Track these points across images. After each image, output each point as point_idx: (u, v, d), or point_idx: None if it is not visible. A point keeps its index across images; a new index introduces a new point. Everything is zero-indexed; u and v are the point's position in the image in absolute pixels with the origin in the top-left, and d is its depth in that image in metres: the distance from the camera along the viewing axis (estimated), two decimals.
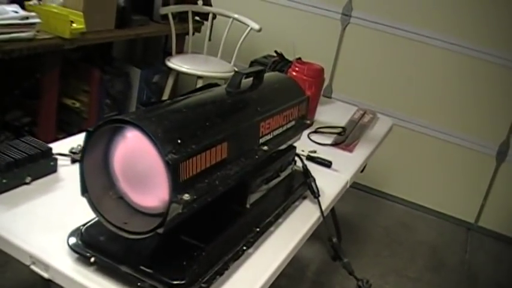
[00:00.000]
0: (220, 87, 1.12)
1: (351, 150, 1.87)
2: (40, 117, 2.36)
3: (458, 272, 2.67)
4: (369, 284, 1.32)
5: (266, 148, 1.10)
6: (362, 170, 1.91)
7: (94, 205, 0.88)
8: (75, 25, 2.20)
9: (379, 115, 2.36)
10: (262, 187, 1.20)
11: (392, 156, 3.16)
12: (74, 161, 1.22)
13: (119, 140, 0.87)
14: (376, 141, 2.04)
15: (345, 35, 3.23)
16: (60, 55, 2.27)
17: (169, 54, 3.10)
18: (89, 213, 0.90)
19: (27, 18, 2.01)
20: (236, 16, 3.09)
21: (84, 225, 0.98)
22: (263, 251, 1.11)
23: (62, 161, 1.26)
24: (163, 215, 0.82)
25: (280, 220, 1.25)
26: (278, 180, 1.29)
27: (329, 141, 1.88)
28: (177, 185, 0.80)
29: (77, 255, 0.94)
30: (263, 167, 1.17)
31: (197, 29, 3.24)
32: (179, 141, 0.82)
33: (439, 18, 2.96)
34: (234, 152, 0.97)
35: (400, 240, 2.84)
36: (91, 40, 2.36)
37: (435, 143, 3.12)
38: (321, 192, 1.40)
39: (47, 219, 1.06)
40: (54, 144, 1.31)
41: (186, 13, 3.08)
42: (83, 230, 0.97)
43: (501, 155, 3.00)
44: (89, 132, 0.85)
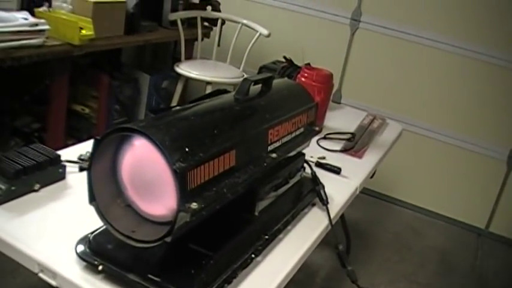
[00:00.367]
0: (229, 94, 1.11)
1: (360, 157, 1.86)
2: (49, 123, 2.37)
3: (469, 277, 2.65)
4: None
5: (275, 155, 1.09)
6: (372, 175, 1.90)
7: (102, 213, 0.88)
8: (84, 31, 2.21)
9: (388, 120, 2.35)
10: (271, 194, 1.19)
11: (401, 161, 3.15)
12: (81, 169, 1.22)
13: (126, 148, 0.87)
14: (386, 147, 2.02)
15: (354, 40, 3.22)
16: (69, 61, 2.28)
17: (178, 60, 3.10)
18: (97, 221, 0.89)
19: (37, 25, 2.02)
20: (245, 22, 3.10)
21: (92, 233, 0.98)
22: (272, 258, 1.10)
23: (70, 168, 1.26)
24: (171, 223, 0.81)
25: (289, 227, 1.24)
26: (287, 187, 1.29)
27: (338, 148, 1.87)
28: (184, 194, 0.79)
29: (85, 263, 0.94)
30: (272, 174, 1.16)
31: (206, 35, 3.25)
32: (187, 150, 0.81)
33: (448, 22, 2.95)
34: (242, 159, 0.96)
35: (409, 245, 2.82)
36: (100, 46, 2.37)
37: (445, 148, 3.10)
38: (330, 199, 1.39)
39: (55, 227, 1.06)
40: (63, 151, 1.31)
41: (195, 19, 3.09)
42: (90, 237, 0.97)
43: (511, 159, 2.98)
44: (97, 141, 0.84)
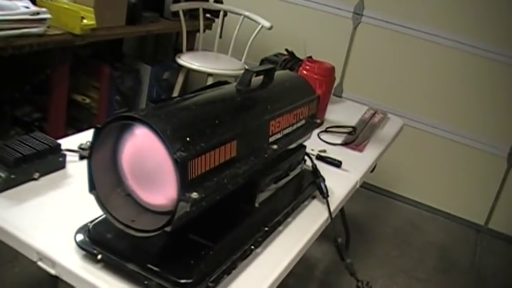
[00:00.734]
0: (230, 85, 1.11)
1: (361, 150, 1.85)
2: (50, 113, 2.36)
3: (468, 274, 2.65)
4: (369, 285, 1.30)
5: (276, 147, 1.09)
6: (372, 170, 1.90)
7: (102, 202, 0.87)
8: (85, 21, 2.20)
9: (389, 115, 2.34)
10: (271, 186, 1.19)
11: (402, 157, 3.15)
12: (82, 157, 1.22)
13: (127, 137, 0.87)
14: (387, 142, 2.02)
15: (356, 34, 3.22)
16: (70, 51, 2.27)
17: (179, 51, 3.09)
18: (96, 210, 0.89)
19: (38, 14, 2.01)
20: (247, 14, 3.09)
21: (91, 222, 0.98)
22: (271, 250, 1.10)
23: (70, 157, 1.26)
24: (171, 213, 0.81)
25: (289, 219, 1.24)
26: (287, 179, 1.28)
27: (339, 141, 1.87)
28: (185, 183, 0.79)
29: (84, 252, 0.94)
30: (272, 166, 1.16)
31: (208, 26, 3.24)
32: (188, 139, 0.81)
33: (450, 17, 2.94)
34: (243, 150, 0.96)
35: (409, 241, 2.82)
36: (101, 36, 2.36)
37: (446, 144, 3.10)
38: (330, 192, 1.39)
39: (55, 215, 1.06)
40: (63, 140, 1.31)
41: (197, 10, 3.08)
42: (90, 226, 0.96)
43: None
44: (98, 129, 0.84)
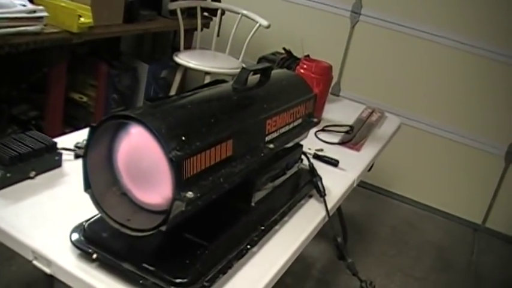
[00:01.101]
0: (227, 83, 1.10)
1: (358, 149, 1.85)
2: (47, 111, 2.36)
3: (465, 272, 2.65)
4: (372, 285, 1.30)
5: (272, 146, 1.09)
6: (369, 169, 1.90)
7: (97, 201, 0.87)
8: (83, 19, 2.19)
9: (387, 114, 2.34)
10: (268, 185, 1.19)
11: (399, 156, 3.15)
12: (77, 156, 1.21)
13: (122, 135, 0.86)
14: (384, 140, 2.02)
15: (354, 32, 3.21)
16: (67, 49, 2.26)
17: (177, 49, 3.09)
18: (92, 208, 0.89)
19: (35, 12, 2.00)
20: (245, 12, 3.08)
21: (87, 221, 0.97)
22: (267, 249, 1.10)
23: (67, 156, 1.25)
24: (166, 212, 0.81)
25: (285, 218, 1.24)
26: (284, 178, 1.28)
27: (336, 140, 1.87)
28: (180, 183, 0.79)
29: (79, 252, 0.93)
30: (269, 165, 1.16)
31: (206, 25, 3.23)
32: (183, 138, 0.81)
33: (449, 16, 2.94)
34: (239, 149, 0.96)
35: (406, 239, 2.82)
36: (99, 34, 2.36)
37: (443, 143, 3.10)
38: (328, 191, 1.39)
39: (51, 214, 1.06)
40: (60, 139, 1.30)
41: (194, 8, 3.07)
42: (85, 225, 0.96)
43: (510, 155, 2.97)
44: (93, 128, 0.84)
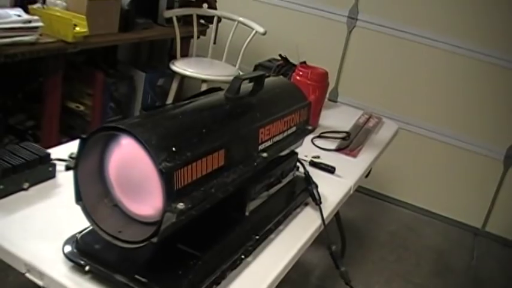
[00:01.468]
0: (220, 92, 1.10)
1: (355, 156, 1.84)
2: (43, 121, 2.35)
3: (465, 277, 2.64)
4: None
5: (266, 155, 1.08)
6: (367, 175, 1.89)
7: (88, 213, 0.86)
8: (78, 29, 2.19)
9: (384, 119, 2.34)
10: (262, 194, 1.18)
11: (398, 161, 3.14)
12: (68, 168, 1.20)
13: (114, 146, 0.86)
14: (381, 146, 2.01)
15: (351, 38, 3.21)
16: (63, 58, 2.26)
17: (174, 57, 3.09)
18: (85, 220, 0.88)
19: (30, 22, 2.01)
20: (241, 19, 3.08)
21: (80, 232, 0.97)
22: (262, 259, 1.09)
23: (60, 167, 1.25)
24: (158, 223, 0.80)
25: (280, 227, 1.23)
26: (279, 186, 1.27)
27: (333, 146, 1.86)
28: (171, 194, 0.78)
29: (72, 264, 0.93)
30: (263, 174, 1.15)
31: (202, 32, 3.24)
32: (174, 149, 0.80)
33: (445, 21, 2.94)
34: (231, 159, 0.95)
35: (406, 245, 2.81)
36: (94, 43, 2.36)
37: (442, 147, 3.09)
38: (324, 199, 1.38)
39: (44, 226, 1.05)
40: (54, 149, 1.30)
41: (190, 16, 3.07)
42: (78, 237, 0.95)
43: (509, 159, 2.97)
44: (83, 140, 0.83)
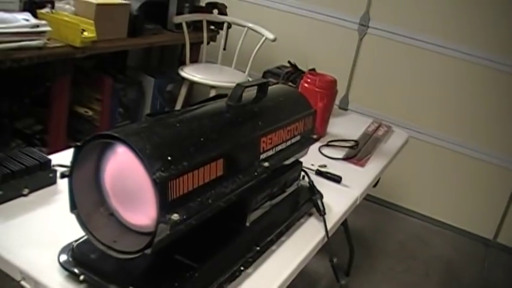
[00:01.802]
0: (222, 100, 1.08)
1: (362, 165, 1.82)
2: (50, 126, 2.35)
3: None
4: None
5: (267, 164, 1.06)
6: (375, 184, 1.86)
7: (83, 222, 0.85)
8: (86, 33, 2.19)
9: (394, 128, 2.31)
10: (264, 204, 1.16)
11: (408, 169, 3.10)
12: (63, 176, 1.19)
13: (110, 155, 0.84)
14: (390, 156, 1.98)
15: (362, 45, 3.19)
16: (70, 63, 2.26)
17: (184, 63, 3.08)
18: None
19: (38, 27, 2.00)
20: (251, 25, 3.07)
21: (76, 241, 0.95)
22: (263, 271, 1.07)
23: None
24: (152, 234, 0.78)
25: (283, 238, 1.21)
26: (282, 197, 1.25)
27: (341, 155, 1.83)
28: (165, 204, 0.76)
29: (67, 272, 0.91)
30: (265, 184, 1.13)
31: (212, 38, 3.23)
32: (169, 158, 0.78)
33: (458, 28, 2.90)
34: (231, 169, 0.93)
35: (415, 255, 2.77)
36: (102, 49, 2.35)
37: (453, 156, 3.05)
38: (328, 209, 1.35)
39: (41, 233, 1.04)
40: (57, 155, 1.29)
41: (200, 22, 3.06)
42: (74, 246, 0.94)
43: None
44: (78, 147, 0.82)
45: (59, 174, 1.18)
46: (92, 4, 2.28)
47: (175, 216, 0.77)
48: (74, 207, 0.85)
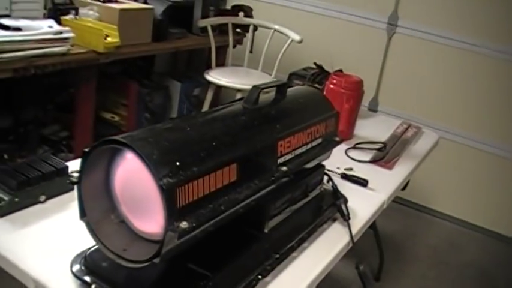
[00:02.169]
0: (238, 103, 1.05)
1: (390, 168, 1.76)
2: (76, 131, 2.36)
3: None
4: None
5: (285, 168, 1.02)
6: (404, 187, 1.81)
7: (92, 230, 0.83)
8: (109, 39, 2.19)
9: (424, 129, 2.24)
10: (284, 209, 1.12)
11: (440, 171, 3.03)
12: (72, 183, 1.16)
13: (119, 161, 0.82)
14: (419, 158, 1.92)
15: (391, 45, 3.12)
16: (95, 69, 2.26)
17: (210, 67, 3.07)
18: None
19: (61, 33, 2.01)
20: (277, 27, 3.04)
21: (89, 249, 0.93)
22: (282, 279, 1.02)
23: None
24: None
25: (305, 244, 1.16)
26: (304, 202, 1.21)
27: (368, 158, 1.78)
28: (172, 212, 0.73)
29: (79, 281, 0.89)
30: (284, 189, 1.09)
31: (239, 41, 3.21)
32: (178, 164, 0.75)
33: (490, 26, 2.82)
34: (245, 174, 0.89)
35: (447, 260, 2.69)
36: (126, 54, 2.35)
37: (487, 158, 2.96)
38: (353, 214, 1.31)
39: (56, 241, 1.02)
40: (77, 161, 1.28)
41: (226, 25, 3.04)
42: (87, 254, 0.92)
43: None
44: (85, 153, 0.79)
45: (68, 181, 1.16)
46: (115, 9, 2.27)
47: (184, 224, 0.74)
48: (83, 215, 0.83)
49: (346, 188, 1.42)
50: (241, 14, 3.15)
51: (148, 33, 2.48)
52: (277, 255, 1.04)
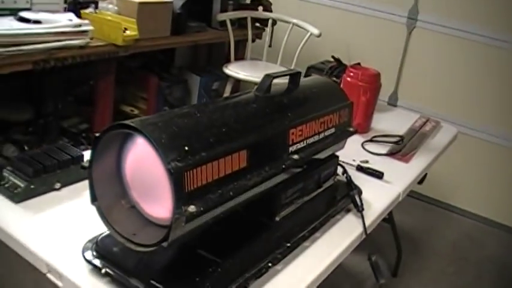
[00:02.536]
0: (250, 91, 1.05)
1: (407, 161, 1.75)
2: (95, 124, 2.38)
3: None
4: None
5: (297, 157, 1.02)
6: (421, 181, 1.79)
7: (103, 214, 0.84)
8: (128, 32, 2.21)
9: (443, 123, 2.22)
10: (297, 199, 1.12)
11: (459, 166, 2.99)
12: (82, 167, 1.18)
13: (130, 146, 0.83)
14: (437, 151, 1.90)
15: (411, 39, 3.10)
16: (114, 62, 2.28)
17: (229, 61, 3.07)
18: None
19: (80, 26, 2.03)
20: (296, 21, 3.03)
21: (101, 234, 0.94)
22: (293, 267, 1.03)
23: None
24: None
25: (317, 234, 1.16)
26: (317, 192, 1.21)
27: (384, 151, 1.77)
28: (180, 196, 0.74)
29: (91, 266, 0.91)
30: (297, 178, 1.09)
31: (258, 35, 3.20)
32: (186, 148, 0.76)
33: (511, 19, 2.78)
34: (255, 161, 0.89)
35: (466, 256, 2.66)
36: (145, 47, 2.37)
37: (507, 153, 2.92)
38: (368, 206, 1.30)
39: (70, 227, 1.04)
40: None
41: (245, 19, 3.04)
42: (98, 239, 0.93)
43: None
44: (96, 138, 0.80)
45: (80, 166, 1.18)
46: (134, 3, 2.29)
47: (192, 208, 0.75)
48: (94, 199, 0.84)
49: (361, 180, 1.41)
50: (260, 8, 3.15)
51: (167, 27, 2.49)
52: (289, 244, 1.04)
